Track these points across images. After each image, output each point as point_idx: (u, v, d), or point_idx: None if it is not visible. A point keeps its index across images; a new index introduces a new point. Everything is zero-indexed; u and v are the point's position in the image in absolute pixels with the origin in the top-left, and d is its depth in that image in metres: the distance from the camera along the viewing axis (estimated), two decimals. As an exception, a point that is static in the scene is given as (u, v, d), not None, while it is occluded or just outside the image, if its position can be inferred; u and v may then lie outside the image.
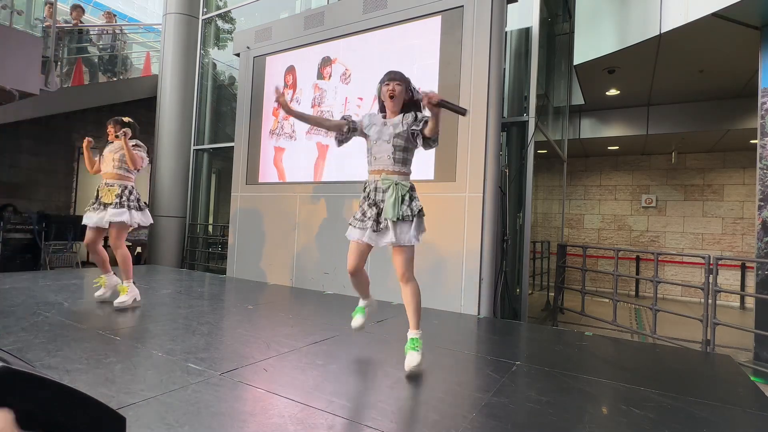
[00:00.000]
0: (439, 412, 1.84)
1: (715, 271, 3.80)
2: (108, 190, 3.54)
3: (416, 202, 2.36)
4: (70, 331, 2.68)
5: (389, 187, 2.33)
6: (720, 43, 4.81)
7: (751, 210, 8.14)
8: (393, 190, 2.32)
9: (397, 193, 2.30)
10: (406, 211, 2.29)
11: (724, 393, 2.28)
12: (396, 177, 2.36)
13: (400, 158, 2.38)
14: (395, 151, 2.37)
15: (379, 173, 2.39)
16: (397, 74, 2.44)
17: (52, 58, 5.48)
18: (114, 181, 3.58)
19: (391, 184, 2.33)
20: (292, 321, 3.36)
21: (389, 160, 2.37)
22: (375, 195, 2.38)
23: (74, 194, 8.45)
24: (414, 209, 2.32)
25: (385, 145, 2.38)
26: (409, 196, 2.34)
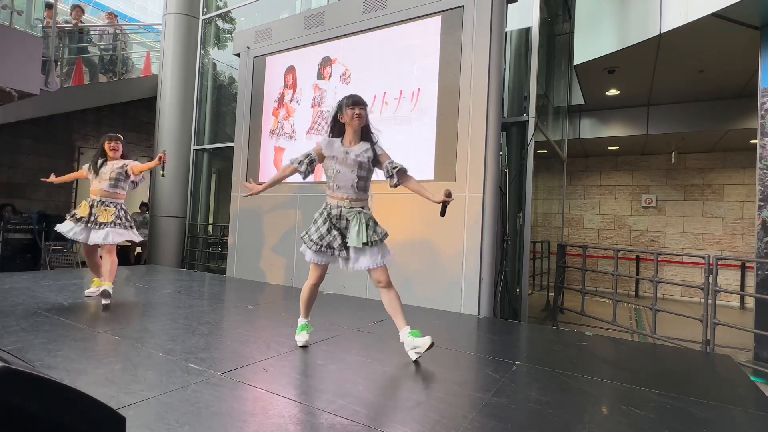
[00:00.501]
0: (439, 412, 1.84)
1: (715, 271, 3.80)
2: (105, 210, 3.62)
3: (379, 227, 2.51)
4: (70, 331, 2.68)
5: (354, 217, 2.45)
6: (720, 43, 4.81)
7: (751, 210, 8.14)
8: (356, 218, 2.45)
9: (361, 221, 2.44)
10: (372, 237, 2.43)
11: (724, 393, 2.28)
12: (359, 204, 2.50)
13: (363, 186, 2.52)
14: (359, 181, 2.49)
15: (344, 201, 2.49)
16: (362, 100, 2.53)
17: (52, 58, 5.48)
18: (108, 199, 3.66)
19: (356, 214, 2.46)
20: (292, 321, 3.35)
21: (352, 189, 2.48)
22: (339, 222, 2.49)
23: (74, 194, 8.45)
24: (380, 233, 2.47)
25: (349, 174, 2.48)
26: (373, 221, 2.50)
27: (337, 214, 2.49)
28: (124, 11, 15.32)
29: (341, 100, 2.53)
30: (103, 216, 3.59)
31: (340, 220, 2.49)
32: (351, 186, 2.47)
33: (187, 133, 7.46)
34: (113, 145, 3.73)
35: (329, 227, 2.48)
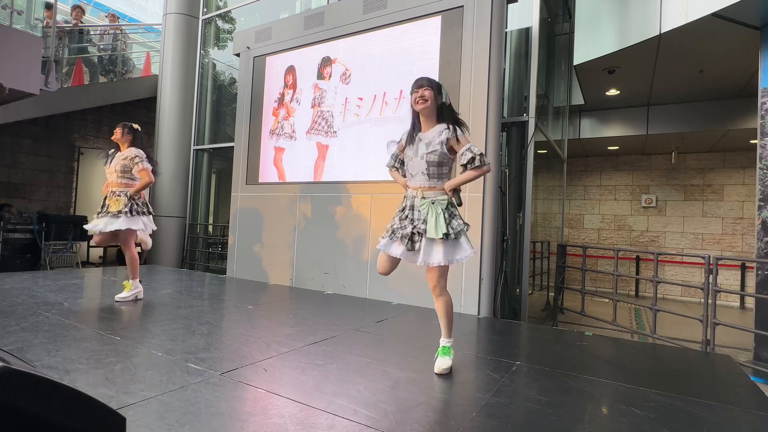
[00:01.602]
0: (439, 412, 1.84)
1: (715, 271, 3.80)
2: (116, 200, 3.62)
3: (456, 220, 2.30)
4: (70, 331, 2.68)
5: (427, 208, 2.29)
6: (720, 43, 4.81)
7: (751, 210, 8.14)
8: (431, 210, 2.27)
9: (437, 211, 2.26)
10: (449, 230, 2.24)
11: (724, 393, 2.28)
12: (432, 194, 2.32)
13: (435, 173, 2.32)
14: (429, 167, 2.31)
15: (416, 190, 2.36)
16: (424, 80, 2.37)
17: (52, 58, 5.48)
18: (120, 189, 3.66)
19: (428, 204, 2.29)
20: (292, 321, 3.36)
21: (424, 176, 2.33)
22: (412, 213, 2.35)
23: (74, 194, 8.45)
24: (455, 228, 2.26)
25: (419, 161, 2.33)
26: (449, 213, 2.29)
27: (411, 204, 2.37)
28: (124, 11, 15.32)
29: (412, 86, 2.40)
30: (114, 205, 3.60)
31: (413, 211, 2.34)
32: (422, 173, 2.32)
33: (187, 133, 7.46)
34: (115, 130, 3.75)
35: (402, 218, 2.36)
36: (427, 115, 2.38)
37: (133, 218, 3.59)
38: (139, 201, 3.70)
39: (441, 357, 2.36)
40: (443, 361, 2.33)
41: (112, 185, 3.68)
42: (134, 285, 3.72)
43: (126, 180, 3.68)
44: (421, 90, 2.34)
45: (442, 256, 2.23)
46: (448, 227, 2.23)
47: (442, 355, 2.36)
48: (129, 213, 3.59)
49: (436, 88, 2.36)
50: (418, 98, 2.34)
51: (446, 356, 2.36)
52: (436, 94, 2.36)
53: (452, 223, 2.27)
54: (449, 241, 2.26)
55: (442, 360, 2.34)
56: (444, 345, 2.40)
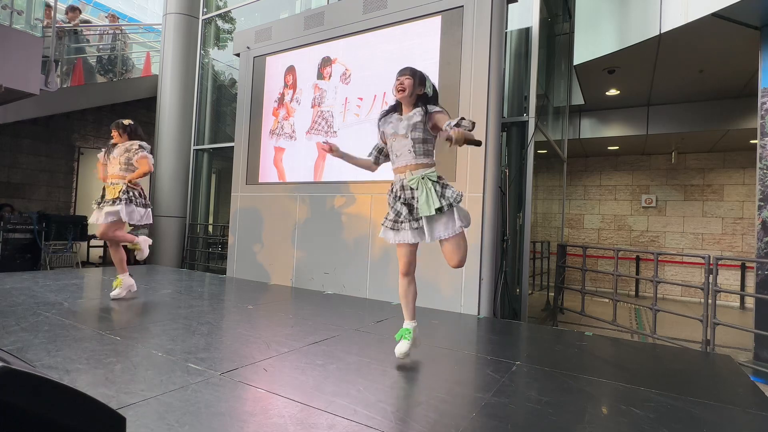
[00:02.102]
0: (439, 412, 1.84)
1: (715, 271, 3.80)
2: (113, 188, 3.63)
3: (450, 190, 2.28)
4: (70, 331, 2.68)
5: (417, 184, 2.28)
6: (720, 43, 4.81)
7: (751, 210, 8.14)
8: (422, 185, 2.27)
9: (426, 187, 2.25)
10: (442, 202, 2.22)
11: (724, 393, 2.28)
12: (421, 171, 2.31)
13: (422, 150, 2.33)
14: (414, 144, 2.33)
15: (404, 170, 2.35)
16: (407, 69, 2.42)
17: (52, 58, 5.48)
18: (119, 180, 3.66)
19: (418, 180, 2.29)
20: (292, 321, 3.36)
21: (410, 154, 2.33)
22: (403, 193, 2.34)
23: (74, 194, 8.45)
24: (451, 197, 2.25)
25: (404, 140, 2.35)
26: (441, 185, 2.28)
27: (400, 186, 2.36)
28: (124, 11, 15.32)
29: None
30: (111, 193, 3.59)
31: (404, 191, 2.34)
32: (408, 151, 2.33)
33: (187, 133, 7.46)
34: (114, 133, 3.75)
35: (402, 202, 2.34)
36: (406, 103, 2.42)
37: (129, 207, 3.55)
38: (136, 192, 3.66)
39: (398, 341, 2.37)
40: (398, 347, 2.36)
41: (113, 177, 3.67)
42: (125, 279, 3.70)
43: (128, 173, 3.68)
44: (402, 78, 2.38)
45: (447, 227, 2.23)
46: (440, 199, 2.22)
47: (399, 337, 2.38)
48: (127, 201, 3.55)
49: (417, 78, 2.38)
50: (397, 86, 2.38)
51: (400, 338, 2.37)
52: (417, 83, 2.38)
53: (446, 193, 2.26)
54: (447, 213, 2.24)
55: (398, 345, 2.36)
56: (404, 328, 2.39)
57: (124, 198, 3.56)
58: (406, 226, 2.30)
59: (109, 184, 3.67)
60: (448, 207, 2.23)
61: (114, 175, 3.68)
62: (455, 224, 2.23)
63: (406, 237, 2.31)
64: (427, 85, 2.41)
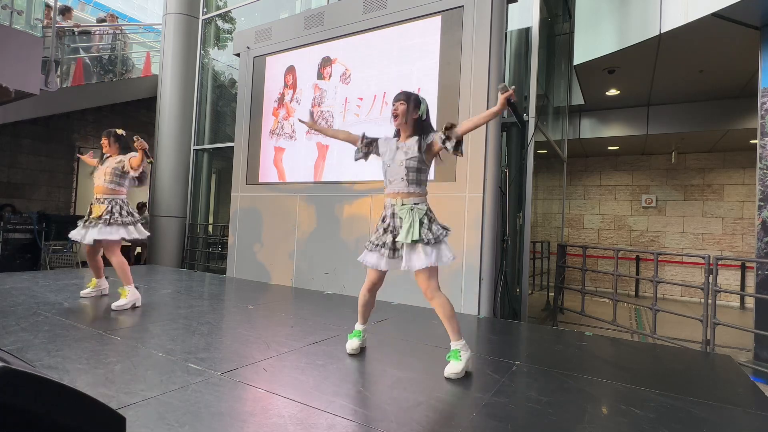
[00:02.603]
0: (439, 412, 1.84)
1: (715, 271, 3.80)
2: (98, 207, 3.49)
3: (436, 225, 2.35)
4: (70, 331, 2.68)
5: (406, 213, 2.34)
6: (720, 43, 4.81)
7: (751, 210, 8.14)
8: (409, 215, 2.33)
9: (414, 217, 2.31)
10: (426, 234, 2.28)
11: (724, 393, 2.28)
12: (412, 200, 2.37)
13: (414, 179, 2.38)
14: (408, 173, 2.37)
15: (395, 197, 2.41)
16: (401, 94, 2.46)
17: (52, 58, 5.48)
18: (104, 196, 3.52)
19: (407, 210, 2.34)
20: (292, 321, 3.36)
21: (403, 182, 2.38)
22: (393, 221, 2.40)
23: (74, 194, 8.45)
24: (435, 232, 2.31)
25: (398, 168, 2.40)
26: (428, 218, 2.35)
27: (390, 213, 2.41)
28: (124, 11, 15.31)
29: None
30: (96, 211, 3.46)
31: (394, 219, 2.39)
32: (401, 179, 2.37)
33: (187, 133, 7.46)
34: (104, 142, 3.61)
35: (385, 228, 2.41)
36: (403, 128, 2.46)
37: (109, 228, 3.41)
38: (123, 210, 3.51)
39: (451, 361, 2.28)
40: (452, 366, 2.26)
41: (98, 190, 3.53)
42: (131, 292, 3.48)
43: (113, 186, 3.53)
44: (396, 104, 2.43)
45: (424, 259, 2.27)
46: (420, 233, 2.28)
47: (452, 359, 2.29)
48: (108, 222, 3.42)
49: (412, 102, 2.43)
50: (393, 111, 2.44)
51: (455, 360, 2.27)
52: (412, 107, 2.42)
53: (432, 228, 2.32)
54: (428, 246, 2.29)
55: (451, 365, 2.26)
56: (453, 348, 2.32)
57: (107, 218, 3.42)
58: (385, 253, 2.37)
59: (95, 200, 3.54)
60: (432, 242, 2.29)
61: (99, 188, 3.53)
62: (431, 259, 2.28)
63: (381, 264, 2.40)
64: (421, 108, 2.44)
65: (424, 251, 2.28)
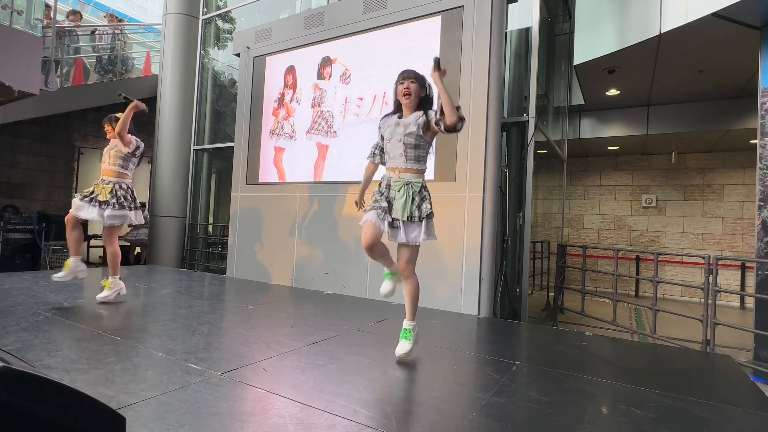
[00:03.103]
0: (439, 412, 1.84)
1: (715, 271, 3.80)
2: (103, 188, 3.53)
3: (426, 203, 2.40)
4: (70, 331, 2.68)
5: (401, 188, 2.39)
6: (720, 43, 4.81)
7: (751, 210, 8.14)
8: (404, 190, 2.39)
9: (408, 194, 2.37)
10: (414, 212, 2.35)
11: (724, 393, 2.28)
12: (408, 176, 2.43)
13: (413, 156, 2.43)
14: (406, 149, 2.42)
15: (394, 171, 2.46)
16: (411, 72, 2.50)
17: (52, 58, 5.48)
18: (110, 178, 3.57)
19: (403, 185, 2.40)
20: (292, 321, 3.36)
21: (401, 158, 2.44)
22: (388, 192, 2.45)
23: (74, 194, 8.44)
24: (423, 211, 2.37)
25: (397, 143, 2.45)
26: (420, 196, 2.40)
27: (386, 184, 2.47)
28: (124, 11, 15.31)
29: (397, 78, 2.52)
30: (102, 194, 3.50)
31: (389, 190, 2.45)
32: (400, 155, 2.43)
33: (187, 133, 7.46)
34: (106, 127, 3.67)
35: (379, 195, 2.47)
36: (409, 106, 2.50)
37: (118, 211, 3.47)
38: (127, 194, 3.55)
39: (402, 341, 2.45)
40: (402, 346, 2.42)
41: (105, 173, 3.59)
42: (114, 282, 3.55)
43: (118, 168, 3.58)
44: (407, 82, 2.46)
45: (421, 235, 2.36)
46: (413, 210, 2.35)
47: (403, 339, 2.45)
48: (116, 206, 3.46)
49: (421, 82, 2.49)
50: (404, 90, 2.46)
51: (407, 340, 2.44)
52: (420, 87, 2.48)
53: (422, 205, 2.38)
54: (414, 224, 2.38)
55: (402, 344, 2.42)
56: (406, 327, 2.48)
57: (113, 202, 3.47)
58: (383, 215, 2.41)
59: (100, 181, 3.58)
60: (419, 219, 2.37)
61: (106, 171, 3.59)
62: (420, 236, 2.36)
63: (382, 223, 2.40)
64: (427, 86, 2.52)
65: (411, 227, 2.37)
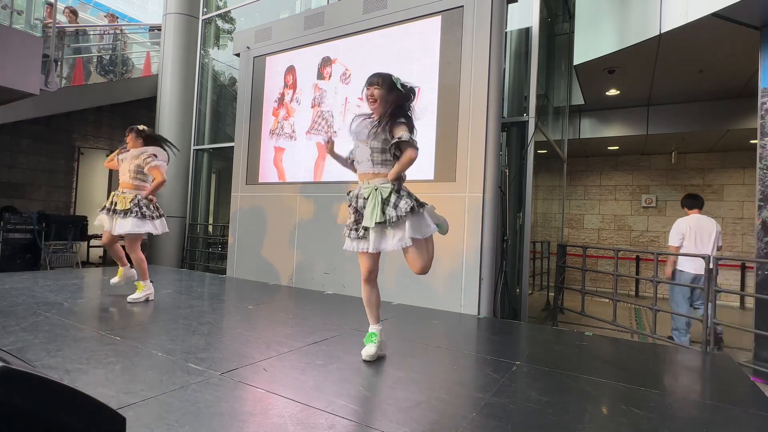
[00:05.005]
0: (439, 412, 1.84)
1: (715, 271, 3.80)
2: (123, 198, 3.64)
3: (404, 201, 2.23)
4: (70, 331, 2.68)
5: (369, 194, 2.28)
6: (720, 43, 4.81)
7: (751, 210, 8.14)
8: (372, 196, 2.26)
9: (376, 200, 2.23)
10: (387, 215, 2.21)
11: (724, 393, 2.28)
12: (377, 181, 2.30)
13: (379, 160, 2.30)
14: (372, 153, 2.30)
15: (363, 177, 2.35)
16: (374, 78, 2.35)
17: (52, 58, 5.48)
18: (128, 190, 3.68)
19: (371, 191, 2.27)
20: (292, 321, 3.36)
21: (368, 162, 2.32)
22: (356, 202, 2.34)
23: (74, 194, 8.44)
24: (402, 209, 2.21)
25: (364, 147, 2.34)
26: (398, 196, 2.25)
27: (356, 193, 2.34)
28: (124, 11, 15.30)
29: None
30: (121, 203, 3.62)
31: (358, 200, 2.33)
32: (367, 159, 2.30)
33: (187, 133, 7.46)
34: (126, 138, 3.80)
35: (351, 211, 2.35)
36: (379, 111, 2.35)
37: (142, 221, 3.60)
38: (150, 204, 3.69)
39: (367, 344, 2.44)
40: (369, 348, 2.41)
41: (123, 185, 3.70)
42: (147, 286, 3.73)
43: (138, 182, 3.70)
44: (371, 88, 2.33)
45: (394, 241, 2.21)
46: (386, 213, 2.20)
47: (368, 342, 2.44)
48: (138, 215, 3.58)
49: (386, 85, 2.31)
50: (368, 96, 2.34)
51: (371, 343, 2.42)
52: (387, 90, 2.31)
53: (400, 204, 2.22)
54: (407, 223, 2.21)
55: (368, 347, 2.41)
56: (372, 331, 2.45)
57: (136, 211, 3.59)
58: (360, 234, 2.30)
59: (119, 193, 3.69)
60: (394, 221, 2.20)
61: (124, 184, 3.71)
62: (404, 236, 2.20)
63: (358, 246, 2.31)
64: (397, 85, 2.33)
65: (393, 231, 2.22)
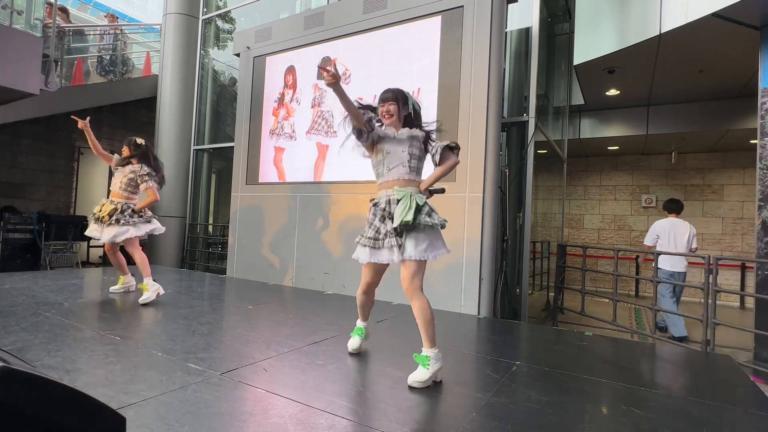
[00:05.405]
0: (439, 412, 1.84)
1: (715, 271, 3.80)
2: (108, 206, 3.72)
3: (436, 214, 2.23)
4: (70, 331, 2.68)
5: (402, 197, 2.18)
6: (720, 43, 4.81)
7: (751, 210, 8.14)
8: (406, 198, 2.17)
9: (411, 202, 2.15)
10: (425, 220, 2.14)
11: (724, 393, 2.28)
12: (411, 188, 2.23)
13: (416, 167, 2.29)
14: (411, 159, 2.27)
15: (392, 185, 2.25)
16: (389, 93, 2.35)
17: (52, 58, 5.48)
18: (117, 200, 3.76)
19: (406, 195, 2.19)
20: (292, 321, 3.36)
21: (404, 168, 2.25)
22: (389, 207, 2.22)
23: (74, 194, 8.44)
24: (434, 219, 2.18)
25: (401, 153, 2.27)
26: (429, 207, 2.23)
27: (387, 200, 2.23)
28: (124, 11, 15.30)
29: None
30: (105, 210, 3.69)
31: (390, 206, 2.22)
32: (403, 165, 2.24)
33: (187, 133, 7.46)
34: (123, 150, 3.88)
35: (382, 218, 2.23)
36: (393, 124, 2.36)
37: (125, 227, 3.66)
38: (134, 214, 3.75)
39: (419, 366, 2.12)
40: (418, 373, 2.08)
41: (114, 195, 3.78)
42: (150, 284, 3.71)
43: (128, 194, 3.77)
44: (386, 105, 2.34)
45: (416, 251, 2.12)
46: (420, 216, 2.14)
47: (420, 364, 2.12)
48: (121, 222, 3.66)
49: (401, 100, 2.34)
50: (384, 113, 2.34)
51: (423, 367, 2.09)
52: (401, 106, 2.34)
53: (433, 214, 2.20)
54: (429, 236, 2.16)
55: (418, 371, 2.09)
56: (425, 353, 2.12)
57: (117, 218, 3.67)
58: (386, 243, 2.18)
59: (107, 202, 3.77)
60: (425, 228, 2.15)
61: (114, 194, 3.79)
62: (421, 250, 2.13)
63: (382, 257, 2.20)
64: (409, 103, 2.36)
65: (416, 239, 2.14)
